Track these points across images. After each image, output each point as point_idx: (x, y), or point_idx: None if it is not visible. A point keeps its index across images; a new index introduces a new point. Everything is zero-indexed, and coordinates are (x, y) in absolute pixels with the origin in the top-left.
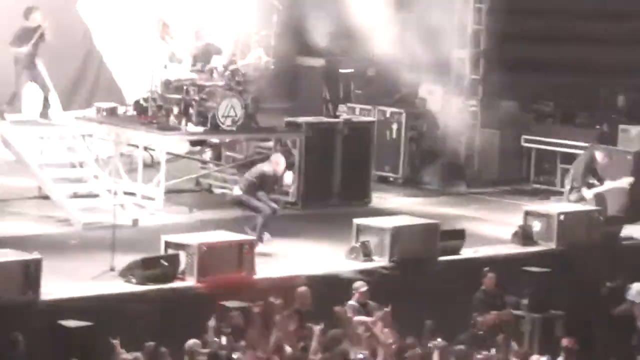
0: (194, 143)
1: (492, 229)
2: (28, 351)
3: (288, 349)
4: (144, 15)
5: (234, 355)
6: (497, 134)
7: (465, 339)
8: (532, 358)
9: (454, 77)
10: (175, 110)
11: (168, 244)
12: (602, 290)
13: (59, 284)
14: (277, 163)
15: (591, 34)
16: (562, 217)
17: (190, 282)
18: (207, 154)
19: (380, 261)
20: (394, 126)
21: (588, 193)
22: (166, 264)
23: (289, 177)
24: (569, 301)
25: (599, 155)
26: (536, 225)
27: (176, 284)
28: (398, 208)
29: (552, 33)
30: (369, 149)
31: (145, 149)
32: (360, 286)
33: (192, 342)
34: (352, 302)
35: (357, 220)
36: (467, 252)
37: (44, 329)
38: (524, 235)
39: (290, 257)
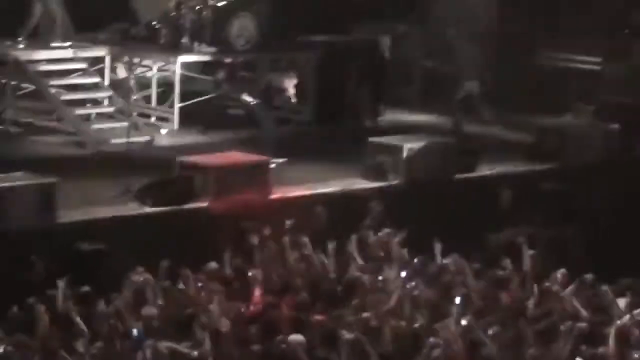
0: (207, 63)
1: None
2: (45, 274)
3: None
4: None
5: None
6: None
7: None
8: (559, 272)
9: None
10: (188, 30)
11: (183, 165)
12: None
13: (74, 206)
14: (287, 80)
15: None
16: None
17: (205, 203)
18: (221, 74)
19: (395, 180)
20: (406, 44)
21: None
22: (181, 185)
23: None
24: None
25: None
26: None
27: (192, 205)
28: (413, 127)
29: None
30: (383, 68)
31: (159, 70)
32: (376, 205)
33: (210, 264)
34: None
35: (372, 139)
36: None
37: (61, 252)
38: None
39: (305, 177)
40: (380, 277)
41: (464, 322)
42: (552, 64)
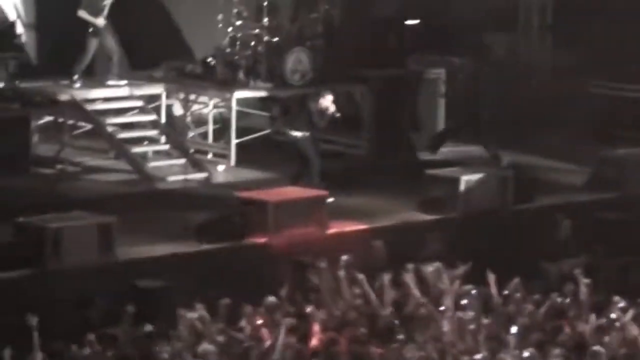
0: (263, 99)
1: (564, 176)
2: (105, 313)
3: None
4: None
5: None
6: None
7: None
8: (619, 301)
9: (521, 24)
10: (243, 66)
11: (240, 201)
12: None
13: (133, 244)
14: (323, 100)
15: None
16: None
17: (263, 238)
18: (276, 110)
19: (452, 212)
20: (460, 76)
21: None
22: (239, 221)
23: (329, 104)
24: None
25: None
26: (609, 172)
27: (249, 241)
28: (469, 158)
29: None
30: (437, 100)
31: (215, 106)
32: (434, 238)
33: (269, 300)
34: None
35: (428, 171)
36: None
37: (120, 290)
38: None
39: (363, 211)
40: (439, 309)
41: (526, 354)
42: (604, 93)
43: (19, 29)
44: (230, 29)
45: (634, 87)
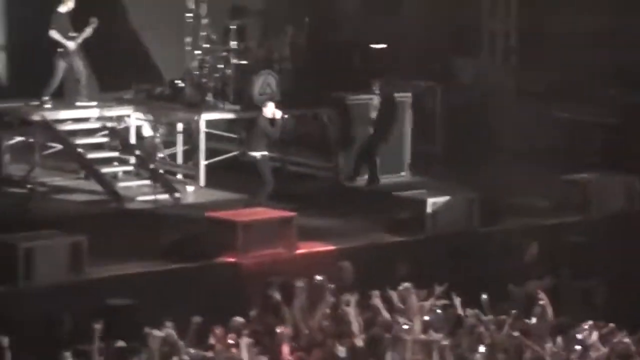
0: (231, 121)
1: (530, 199)
2: (74, 331)
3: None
4: None
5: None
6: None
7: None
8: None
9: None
10: (212, 89)
11: (210, 221)
12: None
13: (102, 263)
14: (266, 109)
15: None
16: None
17: (232, 258)
18: (244, 132)
19: (419, 234)
20: (429, 100)
21: None
22: (208, 241)
23: (278, 114)
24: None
25: None
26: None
27: (219, 261)
28: (434, 182)
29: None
30: (405, 124)
31: (184, 128)
32: (401, 259)
33: (236, 319)
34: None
35: (395, 194)
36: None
37: (90, 308)
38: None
39: (331, 231)
40: (406, 329)
41: None
42: (571, 118)
43: None
44: (198, 52)
45: (597, 112)
